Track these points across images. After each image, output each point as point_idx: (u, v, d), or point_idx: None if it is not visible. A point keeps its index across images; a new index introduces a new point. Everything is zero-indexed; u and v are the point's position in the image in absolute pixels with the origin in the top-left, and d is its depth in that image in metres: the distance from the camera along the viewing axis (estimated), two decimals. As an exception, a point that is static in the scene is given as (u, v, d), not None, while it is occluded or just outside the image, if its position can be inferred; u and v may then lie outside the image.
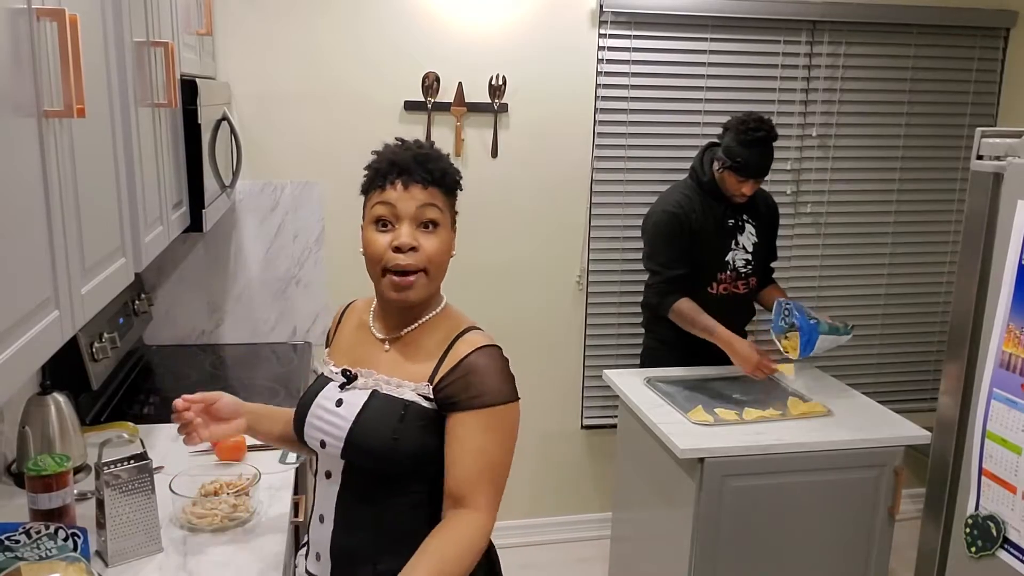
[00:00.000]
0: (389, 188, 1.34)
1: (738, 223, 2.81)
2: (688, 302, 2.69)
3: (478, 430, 1.32)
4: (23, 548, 1.44)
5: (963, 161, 3.50)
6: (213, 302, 3.08)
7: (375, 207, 1.36)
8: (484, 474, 1.31)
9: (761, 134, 2.60)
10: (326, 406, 1.40)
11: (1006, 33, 3.47)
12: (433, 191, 1.36)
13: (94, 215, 1.35)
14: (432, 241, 1.36)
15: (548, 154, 3.21)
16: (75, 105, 1.14)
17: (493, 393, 1.34)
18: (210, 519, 1.71)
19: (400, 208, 1.34)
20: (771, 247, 2.96)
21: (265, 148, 3.01)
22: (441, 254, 1.38)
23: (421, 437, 1.34)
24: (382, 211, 1.35)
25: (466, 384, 1.33)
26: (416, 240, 1.34)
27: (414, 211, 1.34)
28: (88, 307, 1.31)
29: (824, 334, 2.61)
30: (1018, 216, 1.70)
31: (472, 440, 1.31)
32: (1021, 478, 1.68)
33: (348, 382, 1.41)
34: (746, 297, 2.88)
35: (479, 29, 3.06)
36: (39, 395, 1.88)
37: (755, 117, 2.64)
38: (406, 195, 1.34)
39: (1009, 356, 1.70)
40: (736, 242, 2.80)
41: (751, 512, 2.32)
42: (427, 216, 1.35)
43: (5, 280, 0.98)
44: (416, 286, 1.36)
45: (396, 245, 1.33)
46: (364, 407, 1.36)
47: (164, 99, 1.87)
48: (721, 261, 2.79)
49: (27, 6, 1.05)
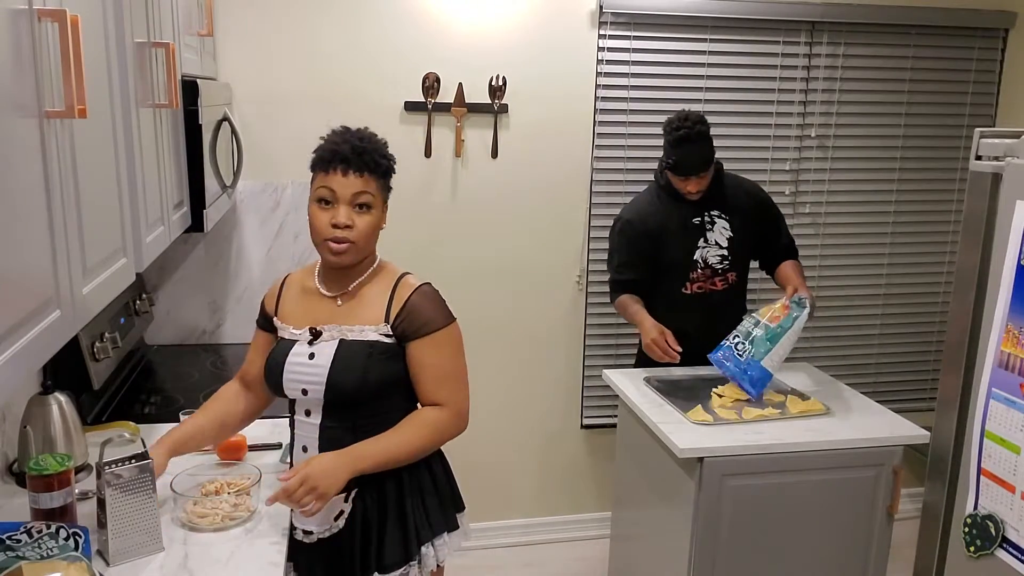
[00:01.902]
0: (332, 173, 1.65)
1: (705, 220, 2.79)
2: (626, 297, 2.82)
3: (431, 350, 1.69)
4: (24, 547, 1.44)
5: (962, 162, 3.50)
6: (214, 302, 3.08)
7: (319, 189, 1.67)
8: (442, 381, 1.70)
9: (682, 132, 2.59)
10: (300, 361, 1.69)
11: (1005, 34, 3.47)
12: (368, 178, 1.66)
13: (95, 215, 1.35)
14: (364, 220, 1.67)
15: (548, 154, 3.21)
16: (76, 106, 1.15)
17: (436, 320, 1.70)
18: (211, 519, 1.71)
19: (339, 192, 1.65)
20: (767, 234, 2.89)
21: (266, 148, 3.01)
22: (371, 229, 1.69)
23: (387, 367, 1.68)
24: (324, 193, 1.66)
25: (413, 318, 1.68)
26: (351, 219, 1.65)
27: (350, 196, 1.65)
28: (89, 307, 1.31)
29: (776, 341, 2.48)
30: (1017, 216, 1.70)
31: (429, 358, 1.69)
32: (1020, 477, 1.68)
33: (315, 338, 1.70)
34: (726, 294, 2.83)
35: (479, 30, 3.07)
36: (41, 395, 1.88)
37: (682, 115, 2.63)
38: (344, 181, 1.64)
39: (1008, 356, 1.70)
40: (705, 239, 2.78)
41: (750, 511, 2.32)
42: (361, 200, 1.66)
43: (6, 280, 0.99)
44: (349, 252, 1.67)
45: (334, 223, 1.65)
46: (336, 355, 1.67)
47: (165, 100, 1.87)
48: (690, 260, 2.78)
49: (28, 7, 1.06)
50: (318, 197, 1.67)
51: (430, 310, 1.70)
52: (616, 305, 2.90)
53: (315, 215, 1.67)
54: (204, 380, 2.66)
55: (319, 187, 1.67)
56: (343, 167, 1.64)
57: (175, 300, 3.04)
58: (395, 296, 1.70)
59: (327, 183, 1.65)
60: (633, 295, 2.81)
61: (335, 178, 1.64)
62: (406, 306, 1.69)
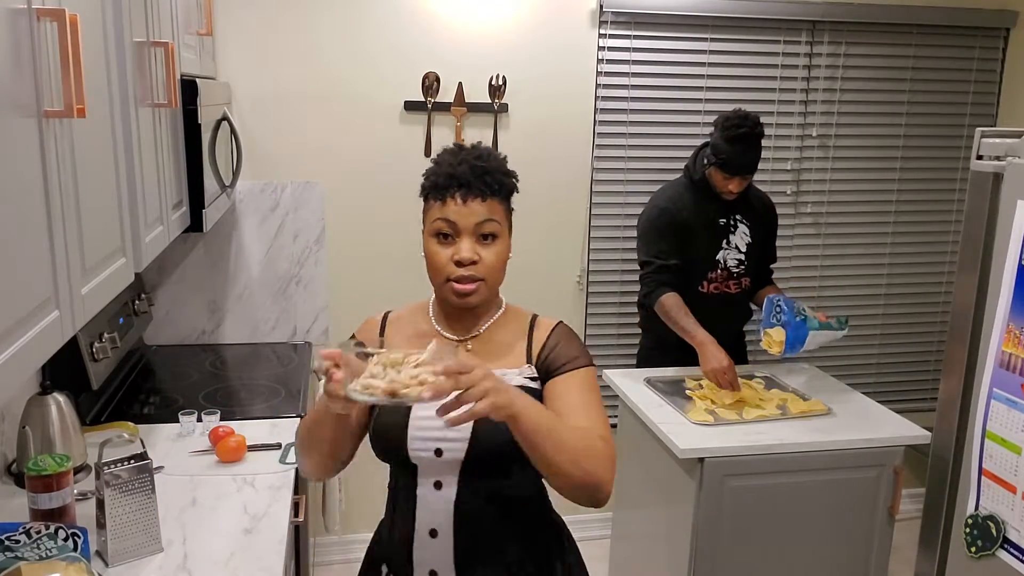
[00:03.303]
0: (449, 202, 1.39)
1: (730, 222, 2.80)
2: (675, 298, 2.66)
3: (577, 389, 1.43)
4: (23, 548, 1.44)
5: (963, 161, 3.50)
6: (213, 302, 3.08)
7: (436, 222, 1.40)
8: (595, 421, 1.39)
9: (744, 130, 2.59)
10: (430, 415, 1.26)
11: (1006, 33, 3.47)
12: (492, 203, 1.41)
13: (94, 215, 1.35)
14: (491, 252, 1.42)
15: (548, 154, 3.21)
16: (75, 105, 1.14)
17: (582, 358, 1.46)
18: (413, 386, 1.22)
19: (460, 224, 1.39)
20: (768, 248, 2.95)
21: (265, 148, 3.01)
22: (500, 263, 1.45)
23: None
24: (442, 226, 1.40)
25: (560, 353, 1.45)
26: (476, 253, 1.40)
27: (473, 226, 1.39)
28: (88, 307, 1.31)
29: (815, 330, 2.59)
30: (1018, 216, 1.70)
31: (576, 396, 1.42)
32: (1021, 478, 1.68)
33: None
34: (738, 298, 2.86)
35: (479, 29, 3.06)
36: (39, 395, 1.88)
37: (740, 114, 2.64)
38: (465, 210, 1.38)
39: (1009, 356, 1.70)
40: (728, 241, 2.80)
41: (751, 512, 2.32)
42: (486, 230, 1.40)
43: (5, 280, 0.98)
44: (477, 292, 1.42)
45: (458, 260, 1.39)
46: None
47: (164, 99, 1.87)
48: (712, 260, 2.78)
49: (27, 6, 1.05)
50: (435, 230, 1.41)
51: (576, 346, 1.49)
52: (660, 305, 2.68)
53: (434, 252, 1.41)
54: (203, 380, 2.66)
55: (436, 219, 1.40)
56: (463, 192, 1.39)
57: (174, 300, 3.03)
58: (534, 336, 1.49)
59: (444, 214, 1.39)
60: (681, 301, 2.66)
61: (454, 206, 1.38)
62: (549, 341, 1.47)
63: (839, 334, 2.66)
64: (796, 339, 2.56)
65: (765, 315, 2.65)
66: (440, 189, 1.40)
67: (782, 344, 2.56)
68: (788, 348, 2.56)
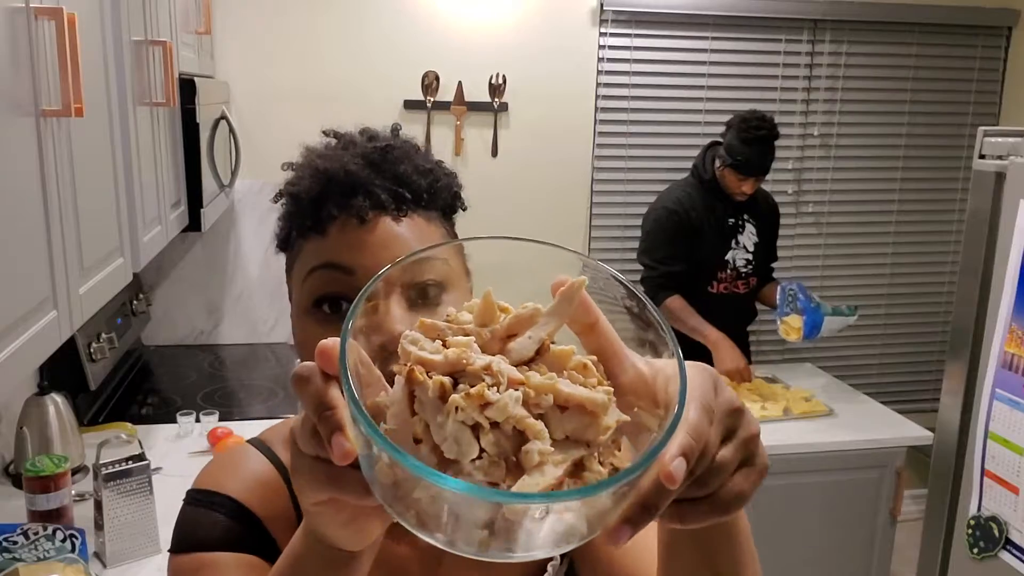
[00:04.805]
0: (334, 234, 0.71)
1: (739, 222, 2.80)
2: (679, 300, 2.67)
3: None
4: (21, 549, 1.43)
5: (965, 160, 3.49)
6: (212, 302, 3.07)
7: (310, 277, 0.71)
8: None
9: (763, 132, 2.59)
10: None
11: (1008, 32, 3.46)
12: (420, 223, 0.76)
13: (92, 215, 1.34)
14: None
15: (548, 154, 3.20)
16: (73, 104, 1.14)
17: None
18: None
19: (366, 264, 0.69)
20: (772, 247, 2.95)
21: (264, 147, 2.99)
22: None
23: None
24: (326, 285, 0.70)
25: None
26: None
27: (397, 271, 0.53)
28: (86, 307, 1.30)
29: (829, 316, 2.60)
30: (1020, 215, 1.69)
31: None
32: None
33: None
34: (746, 297, 2.87)
35: (479, 28, 3.06)
36: (37, 395, 1.87)
37: (758, 115, 2.64)
38: (372, 239, 0.71)
39: (1012, 357, 1.69)
40: (736, 241, 2.80)
41: (752, 512, 2.30)
42: (424, 276, 0.66)
43: (3, 280, 0.98)
44: None
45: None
46: None
47: (162, 98, 1.86)
48: (721, 260, 2.78)
49: (25, 5, 1.04)
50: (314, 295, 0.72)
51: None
52: (665, 309, 2.66)
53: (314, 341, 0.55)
54: (201, 381, 2.65)
55: (310, 270, 0.73)
56: (361, 207, 0.70)
57: (172, 300, 3.02)
58: None
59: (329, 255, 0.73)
60: (685, 303, 2.67)
61: (344, 239, 0.71)
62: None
63: (850, 319, 2.68)
64: (814, 325, 2.58)
65: (780, 304, 2.66)
66: (314, 212, 0.73)
67: (800, 331, 2.57)
68: (807, 333, 2.57)
